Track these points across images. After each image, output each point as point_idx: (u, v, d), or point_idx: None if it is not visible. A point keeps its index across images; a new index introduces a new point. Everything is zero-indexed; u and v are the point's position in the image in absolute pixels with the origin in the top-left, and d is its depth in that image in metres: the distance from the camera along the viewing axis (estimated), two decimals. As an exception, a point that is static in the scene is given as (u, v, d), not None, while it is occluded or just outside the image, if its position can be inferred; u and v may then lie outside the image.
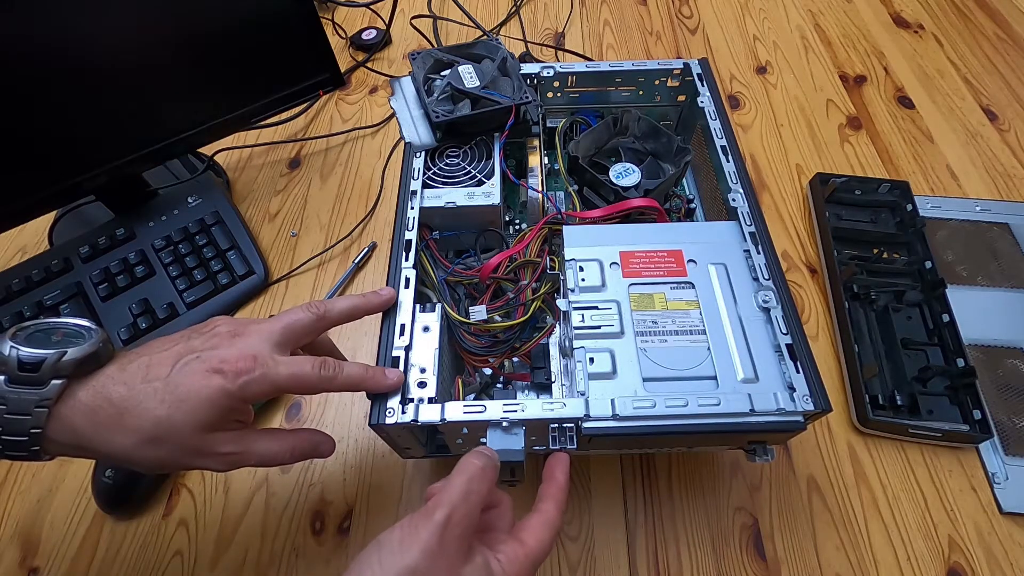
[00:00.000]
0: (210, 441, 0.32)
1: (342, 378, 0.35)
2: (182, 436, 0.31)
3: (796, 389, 0.35)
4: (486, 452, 0.33)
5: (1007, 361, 0.52)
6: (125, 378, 0.31)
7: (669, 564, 0.44)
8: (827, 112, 0.74)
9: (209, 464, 0.33)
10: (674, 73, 0.54)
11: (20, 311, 0.53)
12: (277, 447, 0.35)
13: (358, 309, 0.39)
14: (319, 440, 0.37)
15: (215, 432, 0.32)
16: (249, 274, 0.59)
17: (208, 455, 0.32)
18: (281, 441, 0.35)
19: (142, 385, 0.31)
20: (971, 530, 0.45)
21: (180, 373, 0.31)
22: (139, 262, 0.57)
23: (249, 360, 0.32)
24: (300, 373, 0.33)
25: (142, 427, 0.30)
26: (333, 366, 0.35)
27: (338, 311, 0.38)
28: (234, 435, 0.33)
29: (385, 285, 0.41)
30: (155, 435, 0.30)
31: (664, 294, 0.41)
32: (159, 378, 0.31)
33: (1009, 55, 0.80)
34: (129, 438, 0.30)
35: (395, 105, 0.51)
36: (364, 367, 0.36)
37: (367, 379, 0.36)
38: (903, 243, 0.59)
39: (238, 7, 0.54)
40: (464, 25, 0.86)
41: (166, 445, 0.31)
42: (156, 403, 0.30)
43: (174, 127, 0.57)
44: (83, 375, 0.31)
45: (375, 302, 0.39)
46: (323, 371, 0.34)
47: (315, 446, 0.37)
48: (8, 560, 0.46)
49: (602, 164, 0.51)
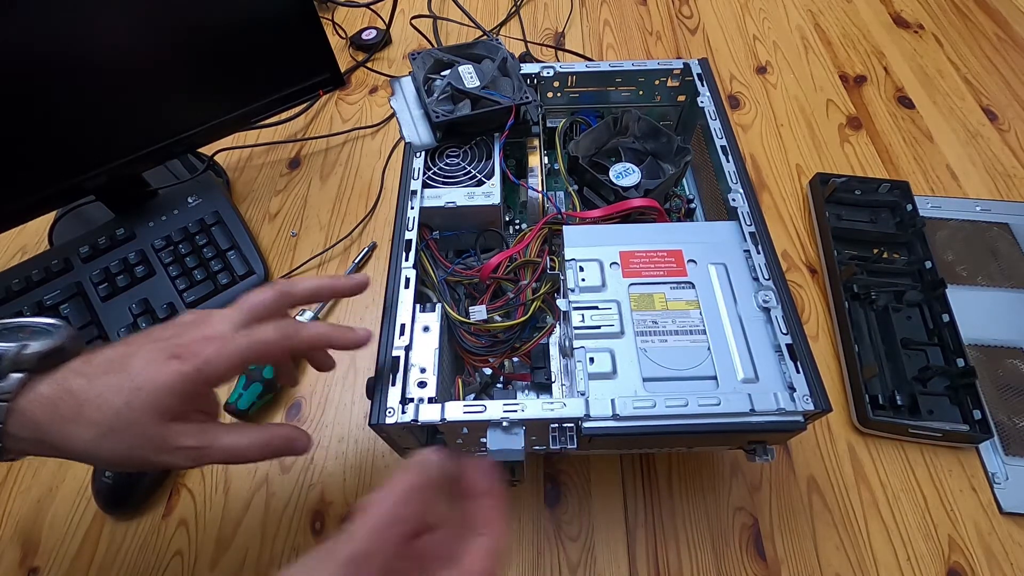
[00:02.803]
0: (172, 433, 0.31)
1: (305, 334, 0.34)
2: (142, 427, 0.30)
3: (796, 389, 0.35)
4: (427, 461, 0.29)
5: (1007, 361, 0.52)
6: (87, 370, 0.31)
7: (669, 564, 0.44)
8: (827, 112, 0.74)
9: (173, 459, 0.31)
10: (674, 73, 0.54)
11: (20, 311, 0.53)
12: (245, 441, 0.33)
13: (324, 288, 0.38)
14: (293, 436, 0.35)
15: (177, 423, 0.31)
16: (249, 274, 0.59)
17: (170, 449, 0.31)
18: (250, 435, 0.33)
19: (103, 377, 0.30)
20: (971, 530, 0.45)
21: (139, 363, 0.31)
22: (139, 262, 0.57)
23: (206, 341, 0.31)
24: (261, 338, 0.33)
25: (102, 419, 0.29)
26: (294, 325, 0.34)
27: (302, 289, 0.37)
28: (197, 427, 0.32)
29: (385, 286, 0.41)
30: (114, 427, 0.30)
31: (664, 294, 0.41)
32: (120, 370, 0.31)
33: (1009, 55, 0.80)
34: (89, 431, 0.29)
35: (395, 105, 0.51)
36: (329, 326, 0.36)
37: (332, 333, 0.35)
38: (903, 243, 0.59)
39: (238, 7, 0.54)
40: (464, 25, 0.86)
41: (126, 437, 0.30)
42: (115, 393, 0.30)
43: (174, 127, 0.57)
44: (46, 370, 0.30)
45: (344, 283, 0.38)
46: (285, 330, 0.33)
47: (288, 442, 0.34)
48: (8, 560, 0.46)
49: (602, 164, 0.51)
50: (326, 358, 0.40)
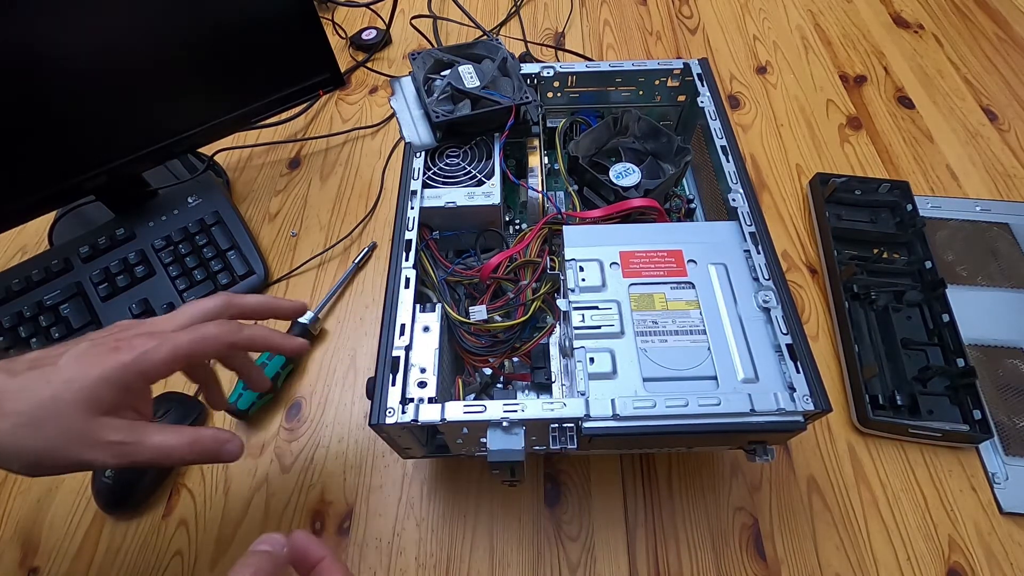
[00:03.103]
0: (98, 427, 0.30)
1: (247, 333, 0.35)
2: (67, 419, 0.29)
3: (796, 389, 0.35)
4: (272, 542, 0.28)
5: (1007, 361, 0.52)
6: (10, 367, 0.30)
7: (669, 564, 0.44)
8: (827, 112, 0.74)
9: (96, 455, 0.30)
10: (674, 73, 0.54)
11: (20, 311, 0.53)
12: (174, 441, 0.32)
13: (268, 306, 0.40)
14: (223, 438, 0.34)
15: (106, 417, 0.30)
16: (249, 274, 0.59)
17: (96, 444, 0.30)
18: (179, 435, 0.33)
19: (28, 372, 0.30)
20: (971, 530, 0.45)
21: (73, 357, 0.31)
22: (139, 262, 0.57)
23: (147, 337, 0.32)
24: (201, 333, 0.33)
25: (22, 409, 0.29)
26: (237, 324, 0.35)
27: (249, 302, 0.38)
28: (126, 423, 0.31)
29: (385, 286, 0.41)
30: (36, 417, 0.29)
31: (664, 294, 0.41)
32: (49, 364, 0.30)
33: (1009, 55, 0.80)
34: (4, 422, 0.29)
35: (395, 105, 0.51)
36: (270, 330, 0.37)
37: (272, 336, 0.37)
38: (903, 243, 0.59)
39: (238, 7, 0.54)
40: (464, 25, 0.86)
41: (47, 430, 0.29)
42: (42, 385, 0.29)
43: (174, 127, 0.57)
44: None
45: (286, 306, 0.40)
46: (227, 327, 0.34)
47: (219, 445, 0.34)
48: (8, 560, 0.46)
49: (602, 164, 0.51)
50: (261, 378, 0.41)
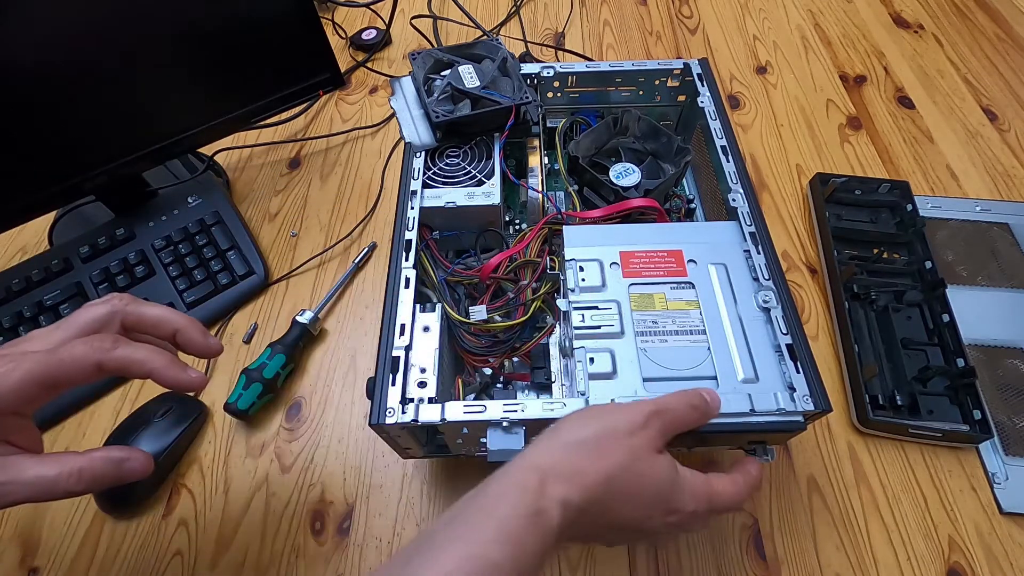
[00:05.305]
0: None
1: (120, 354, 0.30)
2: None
3: (796, 389, 0.35)
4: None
5: (1007, 361, 0.52)
6: None
7: (669, 564, 0.44)
8: (827, 112, 0.74)
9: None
10: (674, 73, 0.54)
11: (20, 311, 0.53)
12: (54, 472, 0.28)
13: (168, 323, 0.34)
14: (120, 458, 0.30)
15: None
16: (249, 274, 0.59)
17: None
18: (61, 464, 0.29)
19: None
20: (971, 530, 0.45)
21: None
22: (139, 262, 0.57)
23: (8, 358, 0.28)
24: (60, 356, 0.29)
25: None
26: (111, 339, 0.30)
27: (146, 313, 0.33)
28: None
29: (385, 286, 0.41)
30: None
31: (664, 294, 0.41)
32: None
33: (1009, 55, 0.80)
34: None
35: (395, 105, 0.51)
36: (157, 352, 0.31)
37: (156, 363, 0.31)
38: (903, 243, 0.59)
39: (238, 7, 0.54)
40: (464, 25, 0.86)
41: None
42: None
43: (174, 127, 0.57)
44: None
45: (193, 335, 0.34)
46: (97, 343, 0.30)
47: (116, 465, 0.30)
48: (8, 560, 0.46)
49: (602, 164, 0.51)
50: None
